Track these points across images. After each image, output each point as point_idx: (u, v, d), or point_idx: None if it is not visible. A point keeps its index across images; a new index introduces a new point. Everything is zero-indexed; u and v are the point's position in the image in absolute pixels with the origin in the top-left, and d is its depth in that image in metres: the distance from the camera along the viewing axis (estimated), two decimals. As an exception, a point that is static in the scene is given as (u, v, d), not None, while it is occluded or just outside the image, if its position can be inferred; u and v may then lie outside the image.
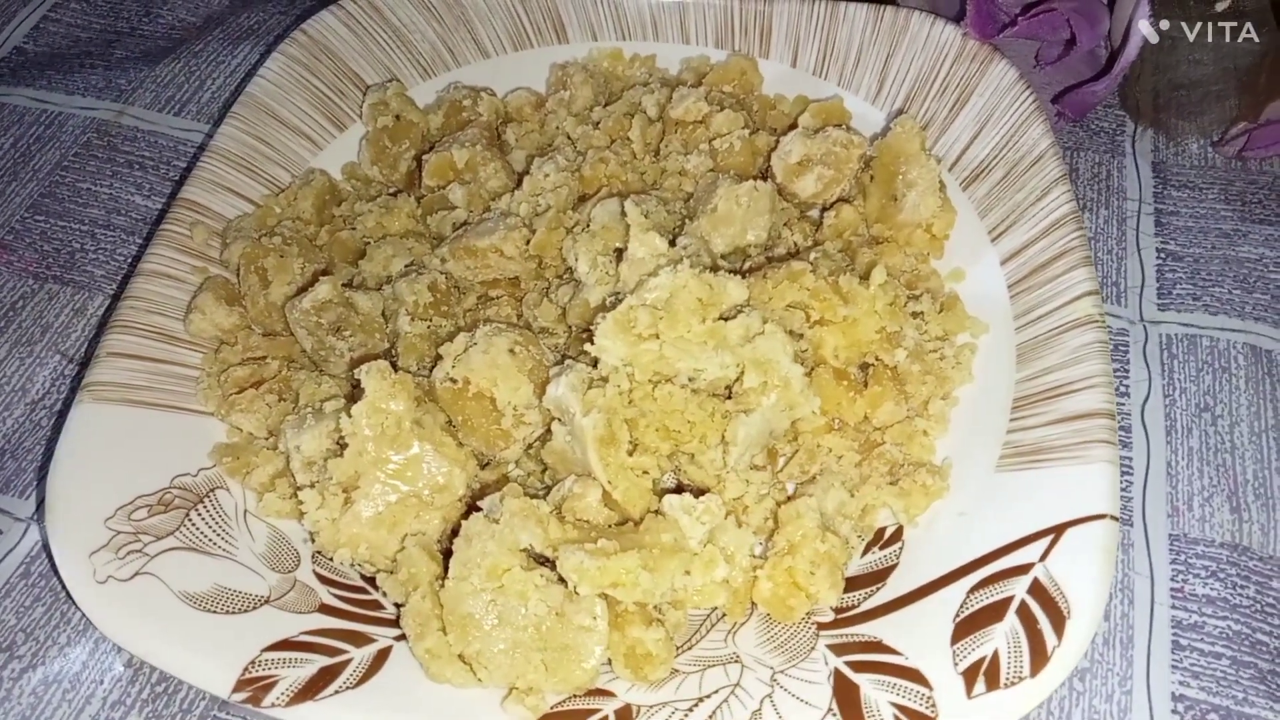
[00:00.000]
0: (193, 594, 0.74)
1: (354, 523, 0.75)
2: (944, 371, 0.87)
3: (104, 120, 1.16)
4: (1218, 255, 1.01)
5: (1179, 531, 0.84)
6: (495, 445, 0.81)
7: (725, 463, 0.79)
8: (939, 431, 0.85)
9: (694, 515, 0.74)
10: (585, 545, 0.69)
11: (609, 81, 1.11)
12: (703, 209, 0.92)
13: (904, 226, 0.94)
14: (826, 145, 0.95)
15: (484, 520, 0.72)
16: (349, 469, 0.76)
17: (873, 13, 1.04)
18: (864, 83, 1.05)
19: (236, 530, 0.80)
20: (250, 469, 0.82)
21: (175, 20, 1.29)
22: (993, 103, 0.97)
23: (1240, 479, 0.86)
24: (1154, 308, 0.98)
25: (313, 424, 0.80)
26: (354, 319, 0.87)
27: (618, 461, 0.75)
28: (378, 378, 0.76)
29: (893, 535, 0.81)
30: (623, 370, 0.78)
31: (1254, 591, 0.80)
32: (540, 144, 1.05)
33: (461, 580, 0.70)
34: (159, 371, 0.87)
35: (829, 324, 0.84)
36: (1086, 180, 1.08)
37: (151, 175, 1.11)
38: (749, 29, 1.08)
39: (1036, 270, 0.88)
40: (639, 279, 0.81)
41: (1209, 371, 0.93)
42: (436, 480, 0.77)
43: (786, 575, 0.75)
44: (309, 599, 0.77)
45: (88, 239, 1.06)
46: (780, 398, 0.78)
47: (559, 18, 1.11)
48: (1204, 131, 1.09)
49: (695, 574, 0.72)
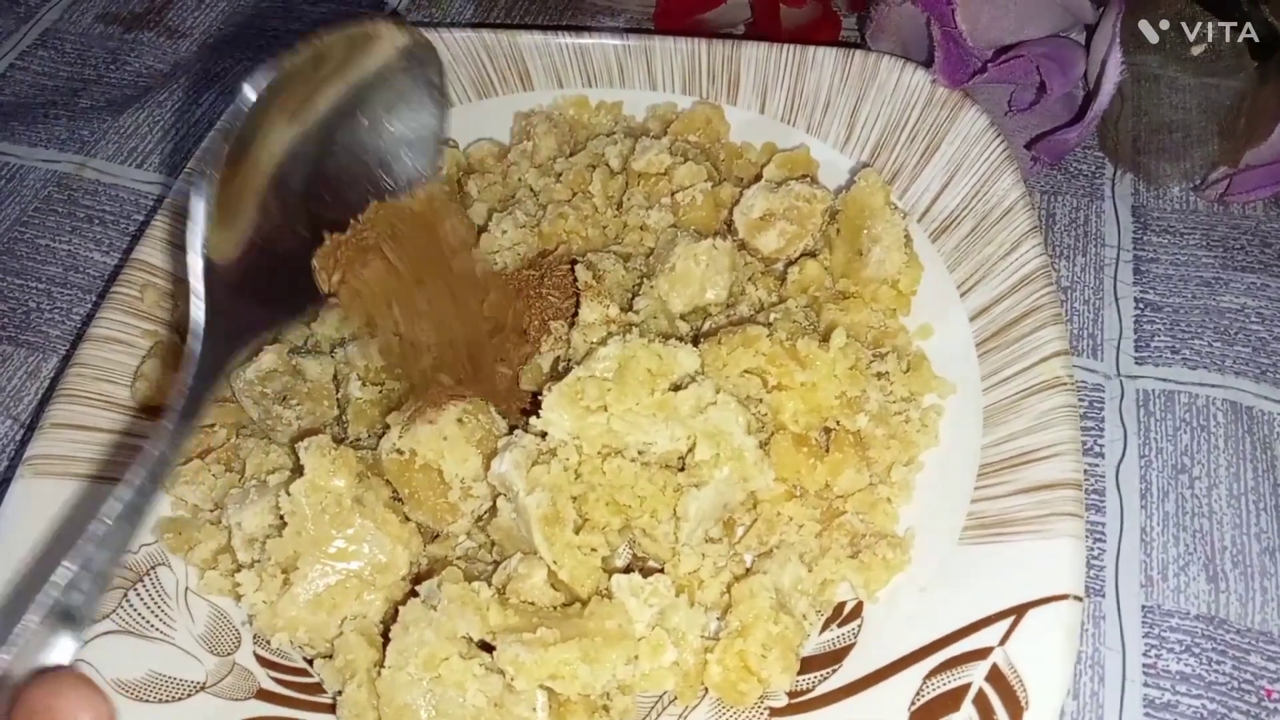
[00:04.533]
0: (125, 682, 0.71)
1: (292, 605, 0.73)
2: (909, 435, 0.84)
3: (65, 173, 1.15)
4: (1198, 305, 0.98)
5: (1153, 603, 0.81)
6: (443, 519, 0.79)
7: (677, 538, 0.76)
8: (902, 499, 0.82)
9: (642, 597, 0.72)
10: (523, 635, 0.67)
11: (574, 130, 1.09)
12: (661, 267, 0.90)
13: (870, 282, 0.92)
14: (789, 200, 0.93)
15: (421, 607, 0.70)
16: (288, 549, 0.74)
17: (841, 57, 1.01)
18: (833, 129, 1.03)
19: (176, 610, 0.78)
20: (193, 545, 0.80)
21: (143, 68, 1.27)
22: (962, 151, 0.95)
23: (1218, 545, 0.83)
24: (1131, 361, 0.95)
25: (255, 499, 0.78)
26: (301, 387, 0.86)
27: (563, 540, 0.73)
28: (317, 454, 0.74)
29: (852, 611, 0.78)
30: (571, 444, 0.75)
31: (1230, 667, 0.77)
32: (503, 196, 1.03)
33: (398, 669, 0.68)
34: (104, 442, 0.85)
35: (787, 389, 0.81)
36: (1064, 226, 1.05)
37: (111, 230, 1.10)
38: (716, 75, 1.06)
39: (1005, 328, 0.85)
40: (588, 347, 0.79)
41: (1186, 429, 0.90)
42: (378, 560, 0.75)
43: (738, 659, 0.72)
44: (247, 684, 0.74)
45: (44, 298, 1.05)
46: (733, 470, 0.76)
47: (524, 65, 1.09)
48: (1186, 175, 1.06)
49: (643, 658, 0.70)
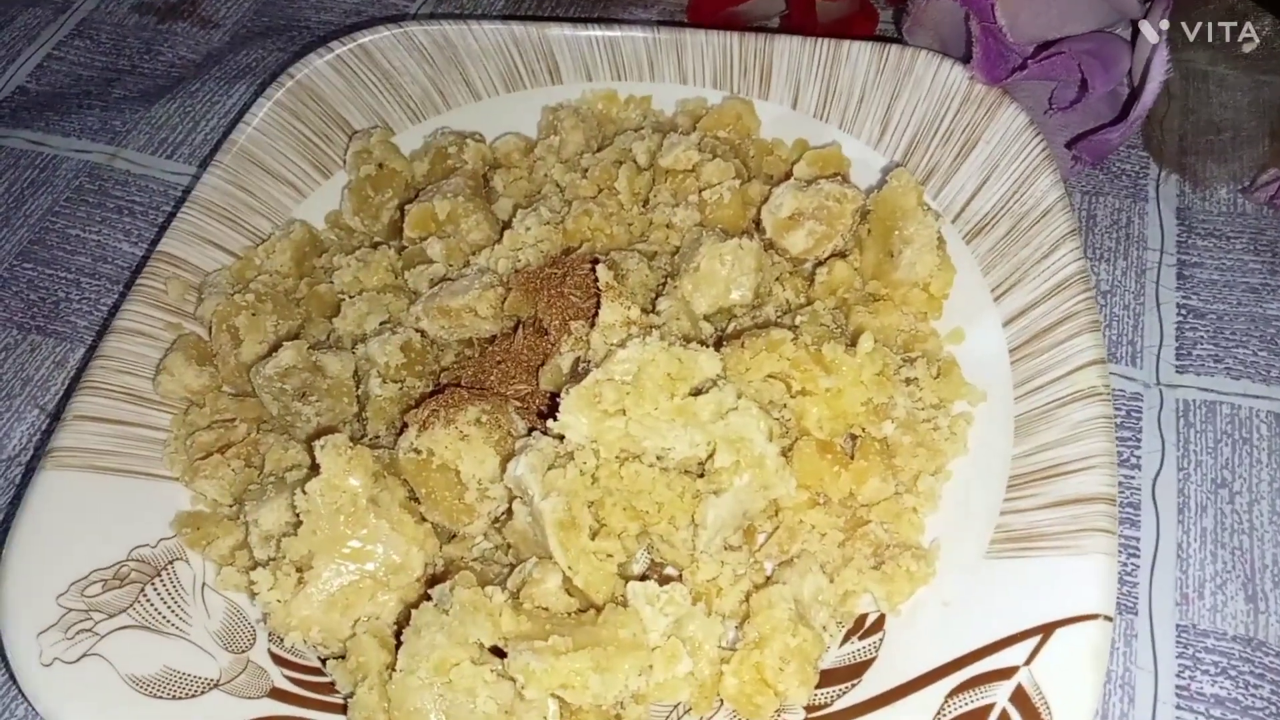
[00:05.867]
0: (139, 677, 0.71)
1: (305, 605, 0.73)
2: (937, 444, 0.82)
3: (97, 164, 1.15)
4: (1243, 312, 0.94)
5: (1188, 622, 0.78)
6: (459, 520, 0.78)
7: (696, 545, 0.75)
8: (928, 509, 0.80)
9: (657, 606, 0.70)
10: (535, 643, 0.66)
11: (602, 125, 1.07)
12: (686, 267, 0.88)
13: (900, 285, 0.90)
14: (819, 199, 0.90)
15: (434, 610, 0.69)
16: (302, 548, 0.73)
17: (877, 52, 0.99)
18: (866, 127, 1.01)
19: (192, 606, 0.78)
20: (211, 540, 0.80)
21: (176, 58, 1.28)
22: (1000, 150, 0.92)
23: (1258, 564, 0.80)
24: (1172, 370, 0.92)
25: (272, 496, 0.78)
26: (321, 384, 0.85)
27: (579, 546, 0.72)
28: (333, 454, 0.74)
29: (874, 624, 0.76)
30: (588, 447, 0.74)
31: (1269, 692, 0.74)
32: (528, 191, 1.02)
33: (409, 673, 0.67)
34: (127, 435, 0.85)
35: (811, 394, 0.79)
36: (1105, 228, 1.02)
37: (140, 221, 1.10)
38: (749, 69, 1.04)
39: (1040, 334, 0.83)
40: (607, 349, 0.77)
41: (1228, 442, 0.87)
42: (393, 560, 0.74)
43: (754, 671, 0.70)
44: (260, 682, 0.74)
45: (73, 288, 1.05)
46: (754, 478, 0.74)
47: (553, 58, 1.07)
48: (1234, 177, 1.02)
49: (657, 668, 0.69)
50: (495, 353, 0.87)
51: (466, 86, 1.08)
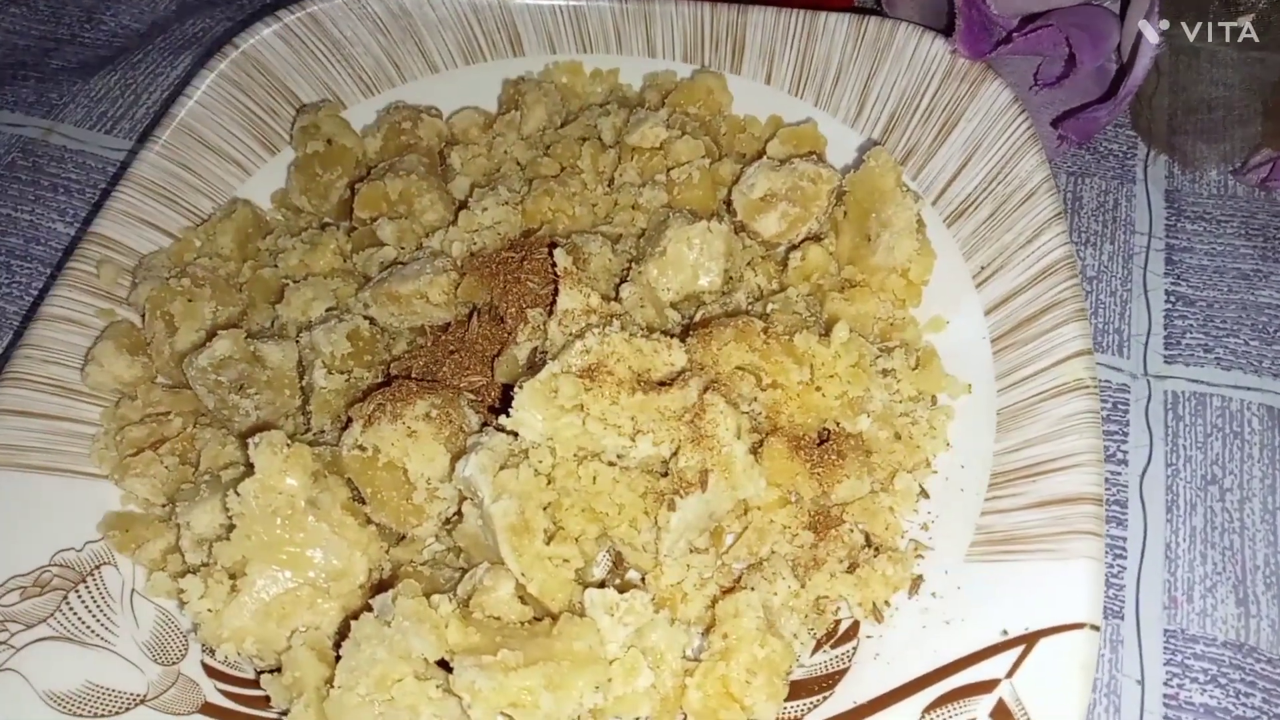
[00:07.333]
0: (58, 694, 0.67)
1: (238, 615, 0.68)
2: (915, 439, 0.78)
3: (31, 139, 1.09)
4: (1234, 300, 0.90)
5: (1176, 627, 0.74)
6: (407, 522, 0.74)
7: (659, 549, 0.70)
8: (906, 509, 0.76)
9: (616, 615, 0.66)
10: (482, 658, 0.61)
11: (566, 99, 1.02)
12: (651, 250, 0.83)
13: (878, 270, 0.85)
14: (793, 179, 0.86)
15: (375, 622, 0.64)
16: (235, 553, 0.68)
17: (854, 24, 0.94)
18: (843, 103, 0.96)
19: (119, 614, 0.73)
20: (141, 543, 0.75)
21: (119, 26, 1.21)
22: (983, 129, 0.87)
23: (1249, 565, 0.77)
24: (1160, 360, 0.88)
25: (206, 496, 0.73)
26: (260, 375, 0.80)
27: (533, 551, 0.67)
28: (268, 452, 0.69)
29: (847, 631, 0.72)
30: (544, 446, 0.69)
31: (1260, 700, 0.71)
32: (487, 169, 0.97)
33: (348, 690, 0.62)
34: (53, 430, 0.80)
35: (783, 388, 0.75)
36: (1091, 211, 0.98)
37: (76, 200, 1.04)
38: (720, 42, 0.99)
39: (1024, 323, 0.79)
40: (565, 339, 0.72)
41: (1219, 436, 0.83)
42: (334, 566, 0.70)
43: (719, 684, 0.66)
44: (192, 697, 0.69)
45: (2, 271, 0.99)
46: (721, 478, 0.69)
47: (514, 28, 1.02)
48: (1225, 158, 0.98)
49: (616, 682, 0.65)
50: (448, 342, 0.82)
51: (423, 58, 1.02)
